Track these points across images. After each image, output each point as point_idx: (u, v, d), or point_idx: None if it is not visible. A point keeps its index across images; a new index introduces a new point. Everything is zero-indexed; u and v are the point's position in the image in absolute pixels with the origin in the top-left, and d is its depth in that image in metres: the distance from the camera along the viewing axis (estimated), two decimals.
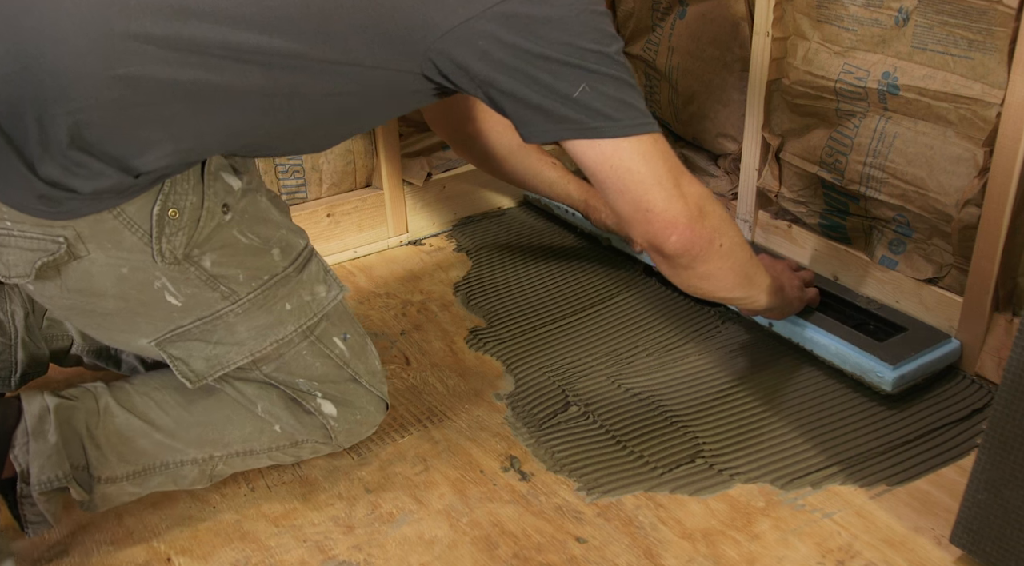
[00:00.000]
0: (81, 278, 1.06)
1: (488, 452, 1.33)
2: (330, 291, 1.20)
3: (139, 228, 1.05)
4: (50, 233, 1.02)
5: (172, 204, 1.06)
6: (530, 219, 1.98)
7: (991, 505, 1.03)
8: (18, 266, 1.04)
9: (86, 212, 1.02)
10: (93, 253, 1.04)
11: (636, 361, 1.51)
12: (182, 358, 1.13)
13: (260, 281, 1.14)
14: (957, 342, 1.42)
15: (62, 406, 1.11)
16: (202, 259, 1.10)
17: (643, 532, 1.19)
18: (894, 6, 1.37)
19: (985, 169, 1.32)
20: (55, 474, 1.08)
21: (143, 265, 1.07)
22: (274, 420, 1.21)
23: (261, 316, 1.15)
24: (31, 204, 1.00)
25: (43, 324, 1.33)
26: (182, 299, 1.10)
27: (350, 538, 1.20)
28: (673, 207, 1.09)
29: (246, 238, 1.13)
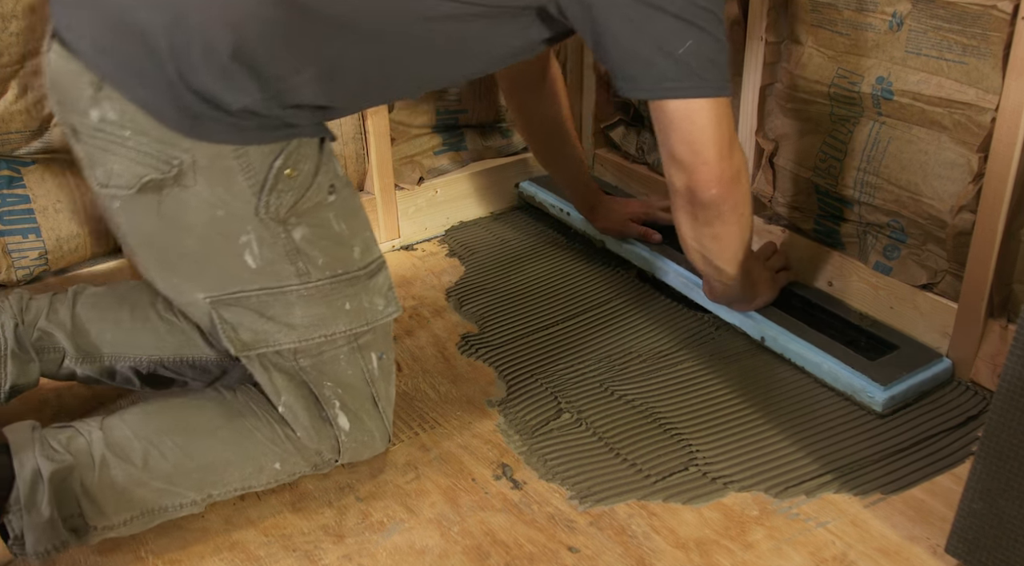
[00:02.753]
0: (177, 207, 1.06)
1: (480, 460, 1.32)
2: (387, 306, 1.21)
3: (254, 176, 1.06)
4: (167, 153, 1.02)
5: (292, 164, 1.07)
6: (523, 224, 1.97)
7: (986, 514, 1.02)
8: (122, 176, 1.04)
9: (216, 138, 1.03)
10: (199, 185, 1.05)
11: (629, 368, 1.50)
12: (232, 324, 1.13)
13: (334, 272, 1.14)
14: (948, 361, 1.41)
15: (56, 474, 1.06)
16: (295, 229, 1.11)
17: (636, 541, 1.18)
18: (888, 11, 1.36)
19: (980, 175, 1.31)
20: (51, 544, 1.07)
21: (240, 214, 1.07)
22: (292, 419, 1.19)
23: (321, 306, 1.14)
24: (168, 111, 1.00)
25: (33, 336, 1.30)
26: (259, 262, 1.10)
27: (340, 547, 1.19)
28: (723, 166, 1.22)
29: (338, 226, 1.15)
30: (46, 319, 1.31)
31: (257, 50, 1.01)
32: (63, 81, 1.05)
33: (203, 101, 1.01)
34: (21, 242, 1.51)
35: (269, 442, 1.19)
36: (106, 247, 1.60)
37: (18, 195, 1.50)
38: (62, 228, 1.53)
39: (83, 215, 1.54)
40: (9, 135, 1.47)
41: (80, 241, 1.55)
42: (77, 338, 1.31)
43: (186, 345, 1.34)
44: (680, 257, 1.65)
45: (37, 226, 1.51)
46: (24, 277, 1.52)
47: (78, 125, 1.06)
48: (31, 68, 1.45)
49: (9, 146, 1.48)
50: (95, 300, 1.35)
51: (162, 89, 1.00)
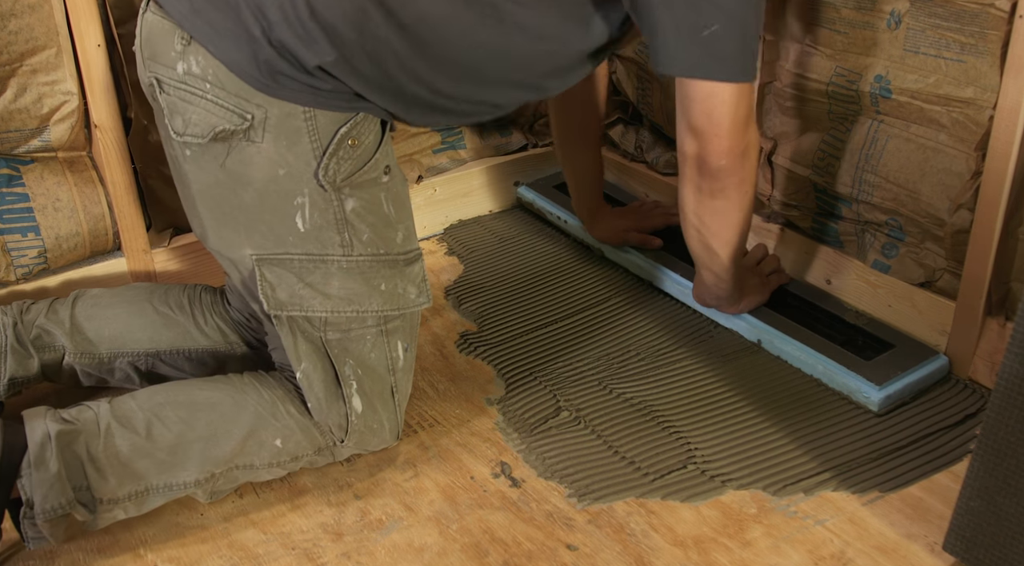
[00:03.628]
0: (241, 160, 1.11)
1: (479, 458, 1.32)
2: (419, 296, 1.24)
3: (319, 139, 1.11)
4: (242, 107, 1.08)
5: (355, 134, 1.13)
6: (522, 223, 1.97)
7: (984, 512, 1.02)
8: (197, 126, 1.10)
9: (290, 97, 1.08)
10: (266, 142, 1.10)
11: (628, 366, 1.50)
12: (271, 282, 1.16)
13: (376, 249, 1.18)
14: (945, 358, 1.41)
15: (63, 432, 1.11)
16: (347, 200, 1.15)
17: (634, 539, 1.18)
18: (886, 9, 1.36)
19: (978, 173, 1.31)
20: (58, 502, 1.09)
21: (300, 175, 1.12)
22: (307, 387, 1.20)
23: (358, 281, 1.18)
24: (247, 67, 1.07)
25: (32, 333, 1.32)
26: (308, 226, 1.14)
27: (339, 545, 1.19)
28: (735, 139, 1.24)
29: (387, 207, 1.19)
30: (45, 318, 1.33)
31: (336, 14, 1.05)
32: (155, 38, 1.12)
33: (282, 57, 1.06)
34: (20, 240, 1.51)
35: (271, 417, 1.20)
36: (105, 246, 1.60)
37: (17, 193, 1.50)
38: (61, 227, 1.53)
39: (82, 214, 1.55)
40: (8, 134, 1.47)
41: (79, 240, 1.56)
42: (75, 335, 1.33)
43: (183, 337, 1.36)
44: (677, 264, 1.66)
45: (36, 224, 1.51)
46: (23, 275, 1.52)
47: (164, 77, 1.12)
48: (30, 67, 1.45)
49: (8, 145, 1.48)
50: (94, 300, 1.37)
51: (244, 46, 1.06)
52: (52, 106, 1.49)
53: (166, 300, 1.39)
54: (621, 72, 1.89)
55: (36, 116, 1.48)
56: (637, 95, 1.88)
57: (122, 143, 1.53)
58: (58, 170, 1.53)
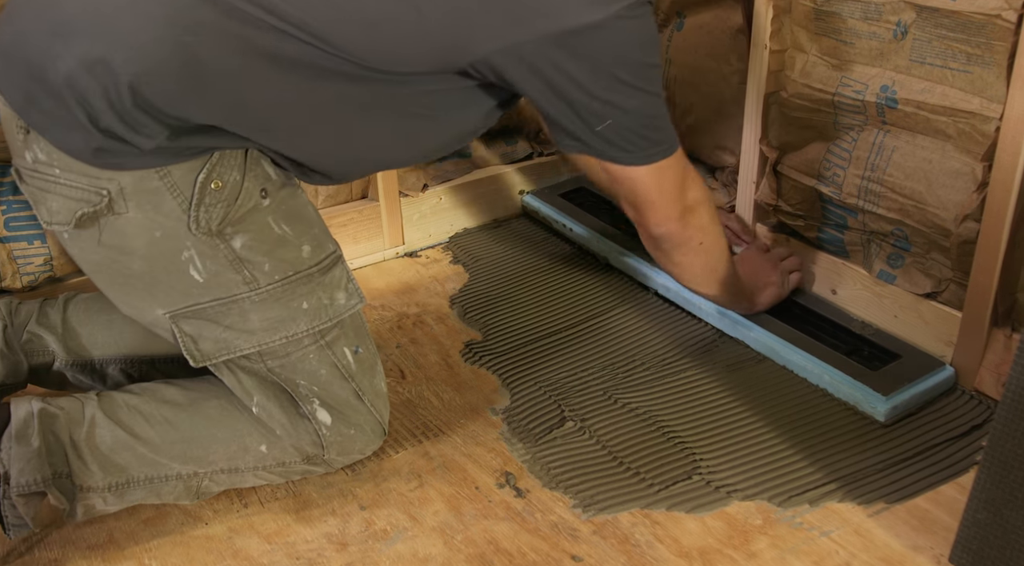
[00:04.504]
0: (115, 234, 1.10)
1: (483, 468, 1.32)
2: (349, 299, 1.21)
3: (181, 193, 1.09)
4: (95, 185, 1.07)
5: (216, 176, 1.10)
6: (527, 231, 1.97)
7: (991, 525, 1.02)
8: (60, 213, 1.09)
9: (136, 166, 1.06)
10: (131, 211, 1.09)
11: (633, 376, 1.50)
12: (192, 336, 1.15)
13: (283, 274, 1.16)
14: (951, 369, 1.41)
15: (46, 412, 1.13)
16: (233, 239, 1.13)
17: (639, 550, 1.17)
18: (892, 19, 1.36)
19: (984, 183, 1.31)
20: (33, 478, 1.10)
21: (176, 232, 1.10)
22: (267, 418, 1.20)
23: (276, 309, 1.16)
24: (84, 152, 1.05)
25: (23, 338, 1.31)
26: (205, 275, 1.13)
27: (343, 555, 1.19)
28: (670, 207, 1.28)
29: (279, 228, 1.16)
30: (36, 322, 1.32)
31: (157, 97, 1.02)
32: (5, 127, 1.12)
33: (115, 140, 1.04)
34: (26, 248, 1.51)
35: (256, 423, 1.21)
36: None
37: (23, 201, 1.50)
38: None
39: None
40: None
41: None
42: (68, 341, 1.32)
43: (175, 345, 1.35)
44: None
45: (42, 232, 1.52)
46: (29, 283, 1.52)
47: (20, 167, 1.13)
48: None
49: None
50: (86, 305, 1.36)
51: (76, 132, 1.04)
52: None
53: None
54: None
55: None
56: None
57: None
58: None
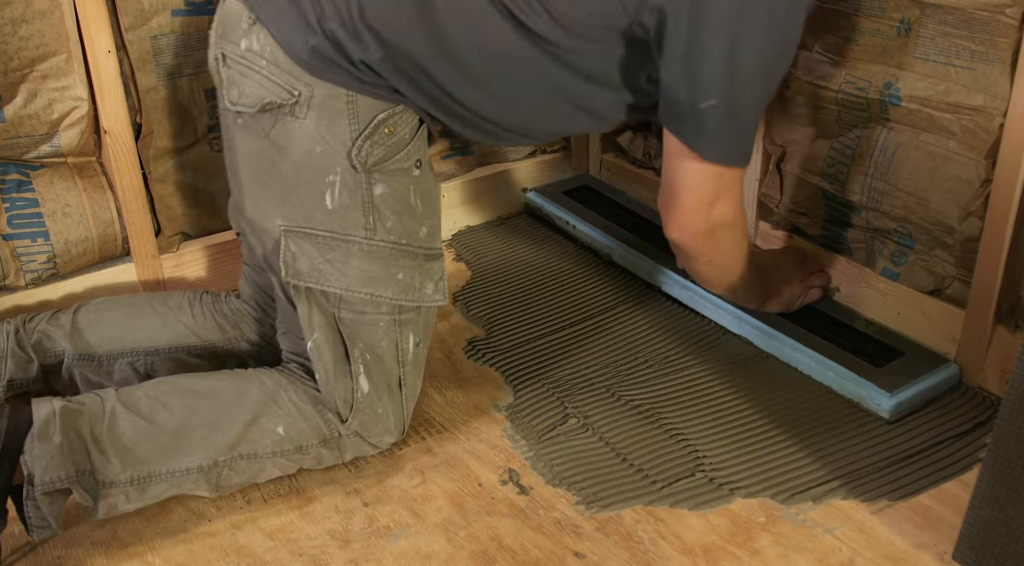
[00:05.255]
0: (284, 133, 1.18)
1: (486, 465, 1.32)
2: (435, 293, 1.27)
3: (357, 122, 1.17)
4: (291, 83, 1.16)
5: (392, 123, 1.19)
6: (530, 229, 1.97)
7: (995, 522, 1.02)
8: (249, 97, 1.17)
9: (334, 81, 1.15)
10: (308, 119, 1.17)
11: (636, 373, 1.50)
12: (294, 252, 1.20)
13: (399, 238, 1.23)
14: (956, 366, 1.41)
15: (67, 410, 1.14)
16: (376, 184, 1.20)
17: (643, 547, 1.17)
18: (896, 16, 1.36)
19: (988, 181, 1.31)
20: (58, 475, 1.10)
21: (334, 154, 1.18)
22: (316, 357, 1.23)
23: (377, 266, 1.22)
24: (299, 49, 1.14)
25: (33, 338, 1.33)
26: (335, 204, 1.20)
27: (347, 552, 1.19)
28: (694, 218, 1.27)
29: (414, 199, 1.24)
30: (46, 323, 1.35)
31: (385, 26, 1.13)
32: (228, 18, 1.20)
33: (331, 45, 1.13)
34: (30, 246, 1.51)
35: (273, 403, 1.22)
36: (114, 251, 1.60)
37: (27, 199, 1.51)
38: (71, 232, 1.53)
39: (91, 219, 1.55)
40: (18, 139, 1.48)
41: (88, 245, 1.56)
42: (75, 338, 1.35)
43: (181, 336, 1.39)
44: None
45: (46, 230, 1.52)
46: (32, 280, 1.53)
47: (229, 52, 1.19)
48: (40, 72, 1.45)
49: (18, 150, 1.49)
50: (96, 306, 1.40)
51: (299, 30, 1.14)
52: (62, 112, 1.49)
53: (165, 302, 1.42)
54: None
55: (46, 122, 1.48)
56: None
57: (131, 149, 1.54)
58: (68, 176, 1.54)
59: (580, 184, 2.03)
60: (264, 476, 1.25)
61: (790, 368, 1.48)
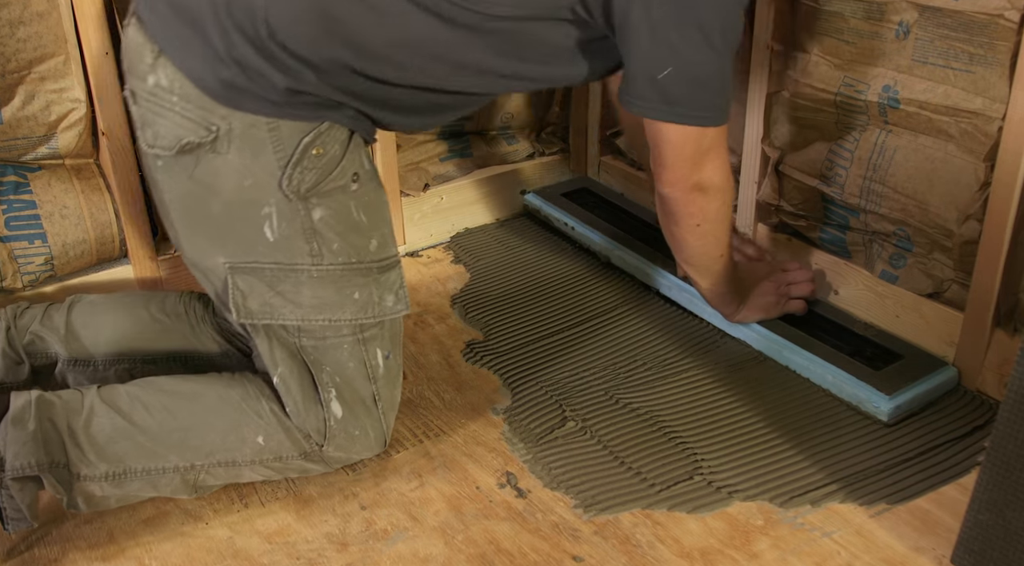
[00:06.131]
0: (209, 172, 1.13)
1: (484, 468, 1.32)
2: (396, 304, 1.24)
3: (283, 149, 1.12)
4: (207, 119, 1.10)
5: (320, 143, 1.14)
6: (529, 231, 1.97)
7: (993, 526, 1.02)
8: (165, 138, 1.12)
9: (252, 110, 1.11)
10: (231, 153, 1.12)
11: (634, 376, 1.49)
12: (243, 291, 1.17)
13: (348, 258, 1.18)
14: (954, 369, 1.41)
15: (43, 400, 1.14)
16: (315, 209, 1.16)
17: (640, 550, 1.17)
18: (894, 19, 1.36)
19: (986, 184, 1.31)
20: (28, 461, 1.10)
21: (265, 185, 1.13)
22: (284, 391, 1.21)
23: (330, 290, 1.18)
24: (210, 81, 1.09)
25: (25, 339, 1.31)
26: (276, 236, 1.15)
27: (344, 556, 1.18)
28: (684, 172, 1.27)
29: (357, 215, 1.19)
30: (39, 324, 1.33)
31: (298, 36, 1.08)
32: (132, 51, 1.15)
33: (244, 74, 1.09)
34: (27, 248, 1.51)
35: (254, 413, 1.21)
36: (112, 253, 1.60)
37: (24, 201, 1.50)
38: (68, 234, 1.53)
39: (88, 221, 1.55)
40: (16, 141, 1.47)
41: (86, 247, 1.56)
42: (71, 342, 1.32)
43: (179, 345, 1.37)
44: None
45: (43, 232, 1.52)
46: (30, 282, 1.52)
47: (137, 89, 1.15)
48: (38, 74, 1.45)
49: (16, 152, 1.49)
50: (90, 307, 1.37)
51: (208, 61, 1.09)
52: (60, 113, 1.49)
53: (163, 307, 1.39)
54: None
55: (44, 123, 1.48)
56: None
57: (129, 151, 1.53)
58: (65, 177, 1.53)
59: (579, 186, 2.02)
60: (243, 480, 1.24)
61: (788, 371, 1.48)
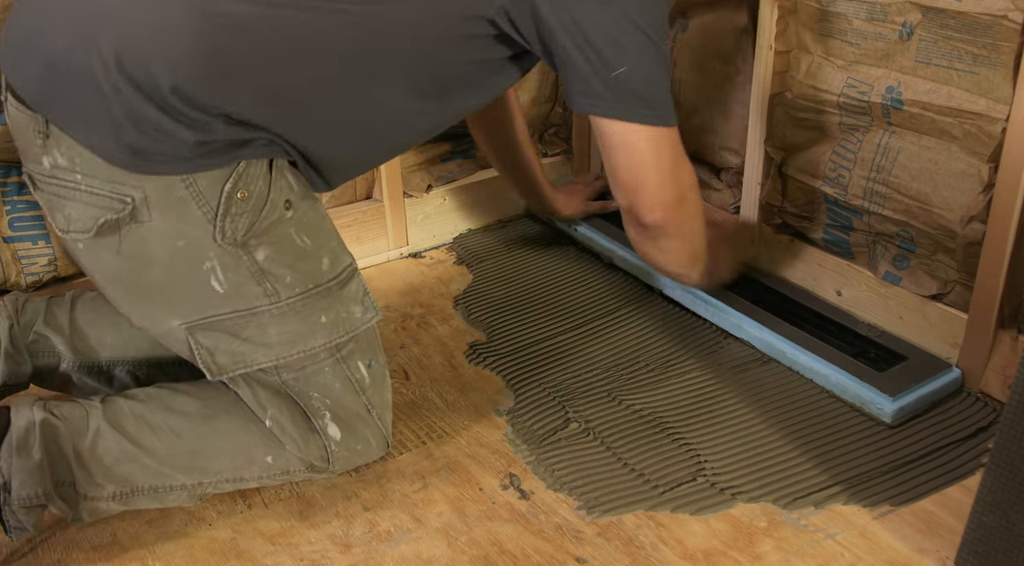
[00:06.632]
0: (136, 243, 1.07)
1: (487, 469, 1.32)
2: (365, 313, 1.20)
3: (207, 203, 1.06)
4: (119, 191, 1.04)
5: (243, 186, 1.08)
6: (531, 232, 1.97)
7: (997, 528, 1.01)
8: (79, 221, 1.06)
9: (164, 171, 1.03)
10: (155, 220, 1.06)
11: (637, 377, 1.49)
12: (208, 348, 1.13)
13: (304, 287, 1.15)
14: (958, 371, 1.41)
15: (48, 423, 1.10)
16: (256, 250, 1.11)
17: (644, 552, 1.17)
18: (898, 20, 1.36)
19: (990, 185, 1.31)
20: (35, 491, 1.08)
21: (200, 242, 1.08)
22: (279, 432, 1.19)
23: (295, 322, 1.15)
24: (114, 151, 1.02)
25: (29, 338, 1.29)
26: (226, 287, 1.11)
27: (347, 557, 1.18)
28: (664, 191, 1.23)
29: (301, 240, 1.14)
30: (43, 322, 1.30)
31: (197, 83, 1.01)
32: (18, 133, 1.09)
33: (148, 136, 1.02)
34: (31, 248, 1.51)
35: (262, 434, 1.20)
36: None
37: (28, 201, 1.51)
38: None
39: None
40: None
41: None
42: (76, 342, 1.31)
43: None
44: None
45: (46, 232, 1.52)
46: (33, 283, 1.53)
47: (34, 174, 1.09)
48: None
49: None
50: (94, 305, 1.34)
51: (107, 128, 1.01)
52: None
53: None
54: None
55: None
56: None
57: None
58: None
59: None
60: (246, 488, 1.24)
61: (792, 372, 1.48)
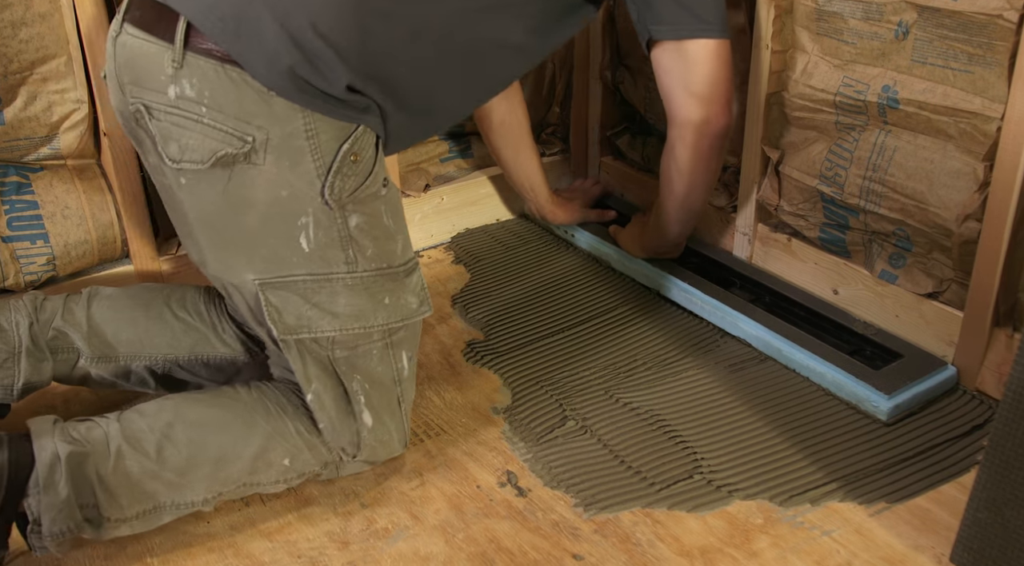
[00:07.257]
0: (243, 184, 1.09)
1: (485, 467, 1.32)
2: (420, 306, 1.23)
3: (322, 158, 1.09)
4: (242, 130, 1.06)
5: (357, 149, 1.11)
6: (529, 232, 1.97)
7: (992, 524, 1.02)
8: (196, 151, 1.08)
9: (305, 103, 1.06)
10: (268, 164, 1.08)
11: (634, 375, 1.50)
12: (277, 307, 1.15)
13: (380, 264, 1.18)
14: (953, 369, 1.41)
15: (73, 455, 1.09)
16: (351, 216, 1.14)
17: (640, 549, 1.18)
18: (894, 20, 1.36)
19: (985, 183, 1.31)
20: (66, 526, 1.09)
21: (303, 195, 1.10)
22: (318, 408, 1.20)
23: (364, 297, 1.17)
24: (270, 72, 1.05)
25: (48, 335, 1.30)
26: (312, 246, 1.13)
27: (345, 554, 1.19)
28: (730, 98, 1.39)
29: (387, 219, 1.18)
30: (61, 319, 1.31)
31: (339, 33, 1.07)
32: (139, 62, 1.09)
33: (311, 64, 1.06)
34: (29, 248, 1.51)
35: (280, 437, 1.20)
36: (113, 253, 1.60)
37: (26, 201, 1.51)
38: (70, 234, 1.54)
39: (90, 222, 1.55)
40: (18, 141, 1.48)
41: (88, 247, 1.56)
42: (93, 338, 1.31)
43: (201, 343, 1.36)
44: (684, 274, 1.66)
45: (45, 232, 1.52)
46: (32, 282, 1.53)
47: (153, 103, 1.09)
48: (40, 75, 1.46)
49: (18, 152, 1.49)
50: (110, 302, 1.35)
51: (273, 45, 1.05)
52: (62, 114, 1.49)
53: (184, 305, 1.38)
54: (628, 82, 1.90)
55: (46, 124, 1.49)
56: (645, 104, 1.88)
57: (131, 151, 1.54)
58: (67, 178, 1.54)
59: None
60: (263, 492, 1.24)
61: (788, 370, 1.49)
